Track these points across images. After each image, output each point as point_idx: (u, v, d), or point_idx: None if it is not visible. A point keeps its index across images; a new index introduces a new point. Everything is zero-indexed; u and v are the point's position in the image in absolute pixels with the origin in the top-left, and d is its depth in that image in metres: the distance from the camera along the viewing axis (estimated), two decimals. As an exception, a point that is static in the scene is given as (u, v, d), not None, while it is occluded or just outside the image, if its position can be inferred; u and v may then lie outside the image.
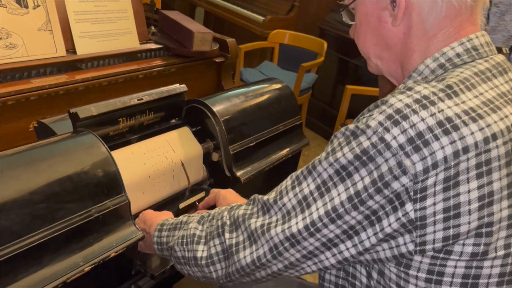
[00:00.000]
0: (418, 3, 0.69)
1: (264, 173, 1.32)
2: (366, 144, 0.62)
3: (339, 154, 0.64)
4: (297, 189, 0.70)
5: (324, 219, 0.65)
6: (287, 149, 1.43)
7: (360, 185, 0.62)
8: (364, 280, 0.72)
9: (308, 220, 0.67)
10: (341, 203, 0.64)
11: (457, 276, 0.63)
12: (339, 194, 0.64)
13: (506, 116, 0.64)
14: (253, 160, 1.32)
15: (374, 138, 0.61)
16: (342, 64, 3.32)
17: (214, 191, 1.13)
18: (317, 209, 0.66)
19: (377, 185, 0.61)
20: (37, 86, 1.16)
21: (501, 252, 0.63)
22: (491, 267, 0.63)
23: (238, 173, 1.25)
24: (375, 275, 0.70)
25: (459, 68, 0.67)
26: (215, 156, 1.27)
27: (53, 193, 0.84)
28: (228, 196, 1.09)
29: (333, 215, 0.65)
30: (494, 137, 0.61)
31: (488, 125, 0.61)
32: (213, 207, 1.13)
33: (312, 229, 0.66)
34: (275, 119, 1.41)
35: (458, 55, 0.69)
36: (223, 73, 1.67)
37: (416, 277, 0.64)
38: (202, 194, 1.24)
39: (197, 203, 1.20)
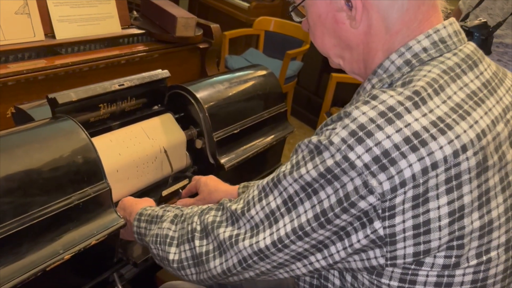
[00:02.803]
0: (375, 1, 0.64)
1: (248, 160, 1.31)
2: (329, 162, 0.59)
3: (303, 171, 0.62)
4: (264, 202, 0.68)
5: (291, 236, 0.64)
6: (272, 136, 1.42)
7: (326, 204, 0.61)
8: (338, 282, 0.71)
9: (275, 236, 0.66)
10: (308, 221, 0.62)
11: (429, 284, 0.62)
12: (305, 212, 0.63)
13: (476, 122, 0.61)
14: (237, 147, 1.31)
15: (338, 157, 0.58)
16: (327, 52, 3.31)
17: (196, 178, 1.12)
18: (284, 225, 0.65)
19: (343, 205, 0.59)
20: (14, 71, 1.13)
21: (473, 262, 0.62)
22: (463, 275, 0.62)
23: (222, 160, 1.25)
24: (349, 278, 0.69)
25: (426, 66, 0.64)
26: (198, 143, 1.26)
27: (31, 180, 0.82)
28: (209, 182, 1.09)
29: (300, 233, 0.63)
30: (464, 148, 0.58)
31: (458, 136, 0.58)
32: (196, 194, 1.13)
33: (279, 246, 0.66)
34: (259, 106, 1.40)
35: (425, 49, 0.65)
36: (207, 59, 1.65)
37: (389, 285, 0.64)
38: (185, 182, 1.23)
39: (180, 191, 1.20)
